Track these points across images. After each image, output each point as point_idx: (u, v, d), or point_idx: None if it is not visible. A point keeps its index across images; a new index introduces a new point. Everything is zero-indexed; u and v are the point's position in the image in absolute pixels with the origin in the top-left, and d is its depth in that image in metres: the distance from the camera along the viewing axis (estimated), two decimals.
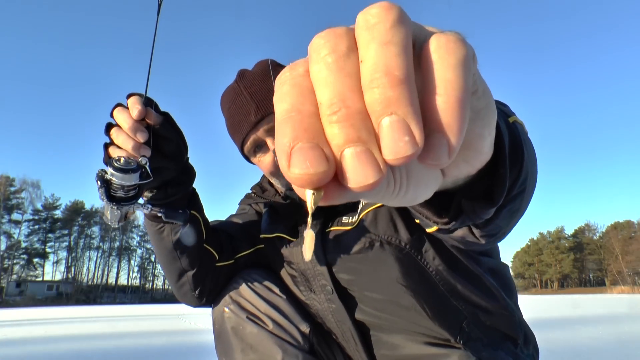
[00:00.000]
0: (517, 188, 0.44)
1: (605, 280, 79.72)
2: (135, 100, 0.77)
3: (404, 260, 0.89)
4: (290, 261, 1.03)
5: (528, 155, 0.45)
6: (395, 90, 0.19)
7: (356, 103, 0.19)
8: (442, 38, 0.21)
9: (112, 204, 0.75)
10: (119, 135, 0.76)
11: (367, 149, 0.19)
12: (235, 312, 1.00)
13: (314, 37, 0.22)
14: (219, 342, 1.03)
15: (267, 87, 0.97)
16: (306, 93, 0.21)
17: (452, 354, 0.91)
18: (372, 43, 0.20)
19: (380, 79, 0.19)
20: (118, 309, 25.34)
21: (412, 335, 0.94)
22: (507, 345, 0.96)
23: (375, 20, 0.20)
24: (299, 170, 0.19)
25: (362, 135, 0.19)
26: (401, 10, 0.21)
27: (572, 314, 9.99)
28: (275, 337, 0.96)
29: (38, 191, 64.30)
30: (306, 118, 0.20)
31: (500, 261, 1.05)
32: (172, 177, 0.92)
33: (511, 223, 0.53)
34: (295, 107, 0.21)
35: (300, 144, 0.19)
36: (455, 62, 0.20)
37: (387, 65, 0.19)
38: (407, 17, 0.21)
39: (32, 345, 5.26)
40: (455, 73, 0.20)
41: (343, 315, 0.97)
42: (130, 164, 0.73)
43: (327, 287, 0.97)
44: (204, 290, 1.04)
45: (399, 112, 0.19)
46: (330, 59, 0.20)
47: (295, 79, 0.22)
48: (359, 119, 0.19)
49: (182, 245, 0.99)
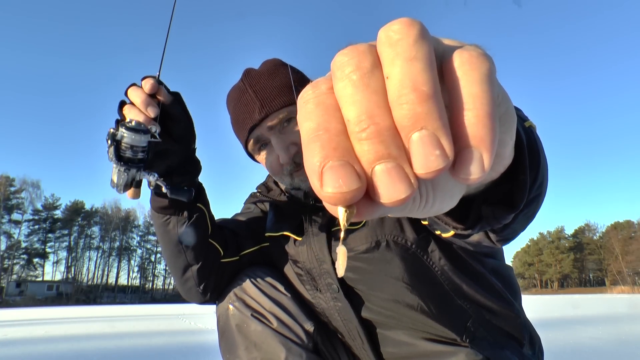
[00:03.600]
0: (534, 192, 0.44)
1: (605, 280, 79.73)
2: (148, 78, 0.82)
3: (409, 260, 0.90)
4: (296, 260, 1.03)
5: (543, 159, 0.46)
6: (423, 106, 0.19)
7: (385, 120, 0.20)
8: (465, 54, 0.21)
9: (120, 163, 0.78)
10: (131, 110, 0.79)
11: (398, 165, 0.19)
12: (240, 310, 1.00)
13: (337, 54, 0.22)
14: (222, 339, 1.03)
15: (272, 85, 0.97)
16: (331, 111, 0.21)
17: (459, 352, 0.91)
18: (397, 59, 0.20)
19: (408, 95, 0.19)
20: (118, 309, 25.34)
21: (419, 333, 0.94)
22: (512, 345, 0.97)
23: (398, 36, 0.20)
24: (332, 189, 0.19)
25: (392, 151, 0.19)
26: (422, 25, 0.21)
27: (572, 314, 10.00)
28: (280, 335, 0.96)
29: (38, 191, 64.37)
30: (334, 136, 0.20)
31: (504, 263, 1.05)
32: (177, 165, 0.92)
33: (525, 226, 0.53)
34: (322, 126, 0.21)
35: (331, 162, 0.20)
36: (481, 77, 0.21)
37: (413, 81, 0.19)
38: (428, 33, 0.21)
39: (32, 346, 5.26)
40: (482, 88, 0.21)
41: (349, 313, 0.97)
42: (141, 125, 0.77)
43: (333, 286, 0.97)
44: (209, 286, 1.04)
45: (428, 127, 0.19)
46: (355, 76, 0.20)
47: (319, 97, 0.22)
48: (388, 135, 0.19)
49: (188, 239, 0.99)
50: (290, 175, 0.97)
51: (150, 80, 0.81)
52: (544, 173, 0.47)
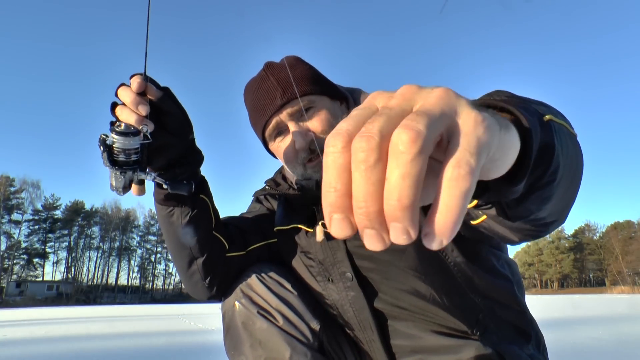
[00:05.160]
0: (546, 177, 0.48)
1: (605, 280, 79.74)
2: (135, 77, 0.82)
3: (423, 250, 0.91)
4: (307, 251, 1.04)
5: (563, 150, 0.50)
6: (402, 211, 0.27)
7: (375, 205, 0.28)
8: (455, 172, 0.28)
9: (114, 168, 0.79)
10: (122, 111, 0.80)
11: (378, 233, 0.29)
12: (246, 307, 1.00)
13: (355, 138, 0.29)
14: (228, 336, 1.03)
15: (294, 75, 0.99)
16: (341, 172, 0.29)
17: (469, 345, 0.92)
18: (395, 170, 0.27)
19: (394, 201, 0.27)
20: (118, 309, 25.36)
21: (429, 325, 0.95)
22: (520, 341, 0.97)
23: (402, 149, 0.27)
24: (335, 232, 0.30)
25: (376, 226, 0.28)
26: (426, 138, 0.28)
27: (572, 314, 10.00)
28: (285, 333, 0.96)
29: (38, 191, 64.39)
30: (339, 197, 0.29)
31: (511, 258, 1.06)
32: (178, 156, 0.93)
33: (546, 209, 0.55)
34: (332, 185, 0.29)
35: (335, 215, 0.29)
36: (459, 194, 0.28)
37: (400, 193, 0.27)
38: (427, 143, 0.28)
39: (32, 346, 5.27)
40: (455, 202, 0.28)
41: (362, 302, 0.98)
42: (130, 128, 0.77)
43: (346, 274, 0.98)
44: (215, 280, 1.04)
45: (401, 223, 0.28)
46: (363, 167, 0.28)
47: (335, 154, 0.29)
48: (375, 215, 0.28)
49: (192, 231, 0.99)
50: (303, 165, 0.98)
51: (137, 79, 0.80)
52: (563, 162, 0.49)
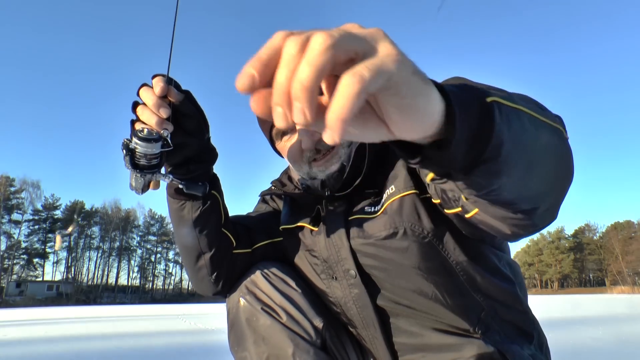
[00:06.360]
0: (488, 152, 0.49)
1: (605, 280, 79.77)
2: (158, 79, 0.83)
3: (425, 249, 0.91)
4: (312, 249, 1.06)
5: (512, 130, 0.51)
6: (302, 93, 0.33)
7: (286, 86, 0.34)
8: (348, 79, 0.34)
9: (135, 171, 0.83)
10: (144, 111, 0.82)
11: (283, 112, 0.35)
12: (251, 303, 1.01)
13: (288, 39, 0.36)
14: (232, 332, 1.04)
15: None
16: (271, 62, 0.36)
17: (471, 343, 0.92)
18: (304, 60, 0.34)
19: (297, 83, 0.33)
20: (118, 309, 25.34)
21: (431, 323, 0.96)
22: (522, 340, 0.98)
23: (313, 45, 0.34)
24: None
25: (283, 104, 0.35)
26: (336, 43, 0.34)
27: (572, 314, 9.99)
28: (288, 330, 0.97)
29: (38, 191, 64.41)
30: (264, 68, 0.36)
31: (513, 259, 1.06)
32: (194, 154, 0.95)
33: (500, 185, 0.55)
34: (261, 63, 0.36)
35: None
36: (346, 95, 0.33)
37: (302, 76, 0.33)
38: (338, 45, 0.34)
39: (32, 346, 5.26)
40: (343, 102, 0.33)
41: (365, 300, 0.98)
42: (152, 134, 0.80)
43: (350, 272, 0.99)
44: (221, 276, 1.06)
45: (300, 103, 0.34)
46: (285, 57, 0.35)
47: (270, 49, 0.36)
48: (284, 96, 0.34)
49: (202, 225, 1.01)
50: (308, 164, 0.99)
51: (160, 82, 0.81)
52: (508, 139, 0.50)
